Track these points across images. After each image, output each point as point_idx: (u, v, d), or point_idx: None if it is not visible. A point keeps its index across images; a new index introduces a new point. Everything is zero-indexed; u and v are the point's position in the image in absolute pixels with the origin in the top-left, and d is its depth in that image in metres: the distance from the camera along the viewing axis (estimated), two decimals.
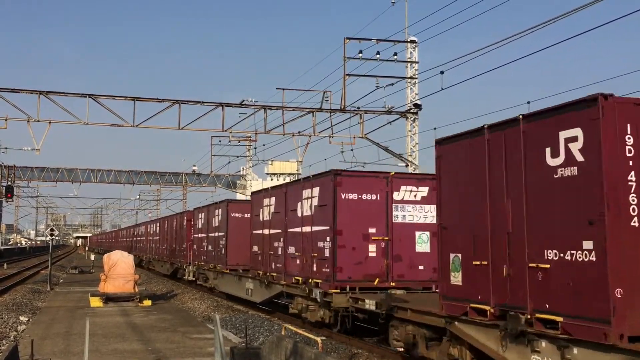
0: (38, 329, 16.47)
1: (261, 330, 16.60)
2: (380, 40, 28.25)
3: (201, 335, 15.52)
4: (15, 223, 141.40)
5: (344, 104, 28.03)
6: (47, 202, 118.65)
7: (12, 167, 53.12)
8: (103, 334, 15.42)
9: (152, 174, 60.22)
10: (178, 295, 27.19)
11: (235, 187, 59.10)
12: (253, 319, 18.96)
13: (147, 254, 48.84)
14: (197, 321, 18.49)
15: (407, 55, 29.95)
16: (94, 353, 12.78)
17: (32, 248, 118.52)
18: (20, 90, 26.03)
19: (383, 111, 29.15)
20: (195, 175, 61.57)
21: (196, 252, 30.19)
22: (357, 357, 13.65)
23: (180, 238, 34.16)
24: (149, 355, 12.85)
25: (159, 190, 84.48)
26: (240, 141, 42.58)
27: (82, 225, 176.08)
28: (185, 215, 33.22)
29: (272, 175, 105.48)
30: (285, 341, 10.69)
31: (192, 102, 27.80)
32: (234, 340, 14.38)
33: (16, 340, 14.62)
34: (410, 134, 29.47)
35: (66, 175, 57.48)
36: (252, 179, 58.62)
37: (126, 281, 23.12)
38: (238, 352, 10.97)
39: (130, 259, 24.02)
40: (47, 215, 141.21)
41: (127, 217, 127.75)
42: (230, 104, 28.52)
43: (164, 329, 16.51)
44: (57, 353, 12.93)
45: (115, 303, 22.42)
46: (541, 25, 16.68)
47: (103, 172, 58.10)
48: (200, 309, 22.10)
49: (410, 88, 29.94)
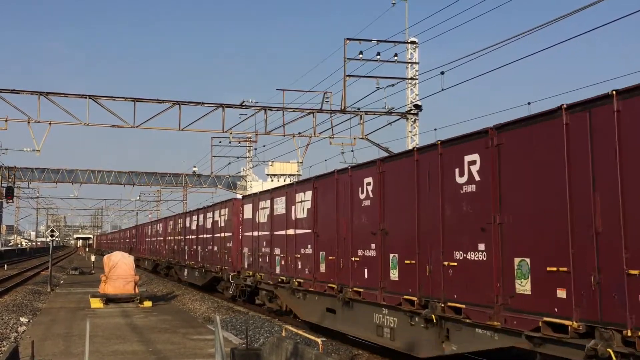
0: (38, 330, 16.46)
1: (261, 331, 16.59)
2: (381, 41, 28.25)
3: (201, 336, 15.51)
4: (15, 224, 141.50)
5: (345, 105, 28.02)
6: (48, 203, 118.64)
7: (12, 168, 53.12)
8: (103, 335, 15.41)
9: (153, 175, 60.19)
10: (178, 297, 27.17)
11: (236, 188, 59.08)
12: (253, 320, 18.94)
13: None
14: (198, 322, 18.48)
15: (407, 56, 29.95)
16: (95, 354, 12.77)
17: (33, 249, 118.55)
18: (21, 91, 26.02)
19: (383, 112, 29.13)
20: (196, 176, 61.55)
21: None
22: (357, 358, 13.64)
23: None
24: (149, 356, 12.85)
25: (159, 191, 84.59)
26: (241, 142, 42.60)
27: (83, 226, 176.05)
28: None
29: (272, 176, 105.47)
30: (286, 342, 10.68)
31: (192, 103, 27.79)
32: (234, 342, 14.36)
33: (17, 341, 14.62)
34: (411, 135, 29.46)
35: (66, 176, 57.47)
36: (252, 180, 58.63)
37: (126, 282, 23.13)
38: (238, 353, 10.96)
39: (130, 260, 24.02)
40: (48, 217, 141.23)
41: (128, 218, 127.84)
42: (231, 104, 28.51)
43: (164, 330, 16.50)
44: (58, 354, 12.93)
45: (115, 304, 22.43)
46: (542, 26, 16.69)
47: (103, 173, 58.08)
48: (200, 310, 22.08)
49: (410, 89, 29.93)
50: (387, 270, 12.21)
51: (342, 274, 14.21)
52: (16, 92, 25.91)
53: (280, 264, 18.38)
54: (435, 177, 10.79)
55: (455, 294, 10.13)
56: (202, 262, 29.26)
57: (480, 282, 9.54)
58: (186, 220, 34.35)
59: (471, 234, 9.80)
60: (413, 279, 11.30)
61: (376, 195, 12.85)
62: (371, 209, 13.03)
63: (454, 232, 10.25)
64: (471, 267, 9.77)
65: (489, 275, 9.36)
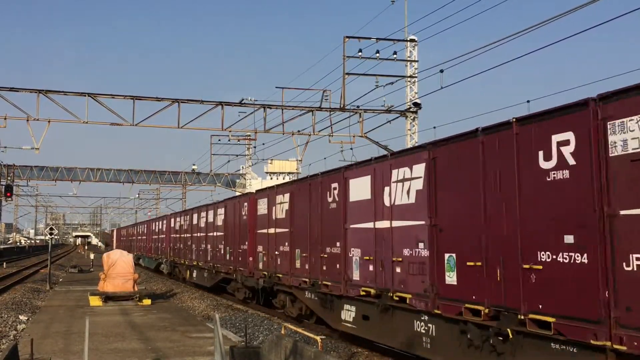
0: (38, 328, 16.46)
1: (261, 329, 16.59)
2: (380, 39, 28.25)
3: (201, 334, 15.51)
4: (14, 222, 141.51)
5: (344, 103, 28.03)
6: (47, 201, 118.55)
7: (11, 166, 53.08)
8: (103, 333, 15.41)
9: (152, 173, 60.15)
10: (177, 295, 27.16)
11: (235, 186, 59.06)
12: (253, 318, 18.94)
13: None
14: (197, 320, 18.48)
15: (406, 54, 29.94)
16: (94, 352, 12.77)
17: (32, 247, 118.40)
18: (20, 89, 25.99)
19: (383, 110, 29.13)
20: (195, 174, 61.51)
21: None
22: (357, 356, 13.64)
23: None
24: (148, 354, 12.85)
25: (158, 190, 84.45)
26: (240, 140, 42.55)
27: (82, 224, 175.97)
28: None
29: (271, 174, 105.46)
30: (285, 340, 10.67)
31: (191, 101, 27.77)
32: (233, 339, 14.36)
33: (16, 340, 14.60)
34: (410, 133, 29.45)
35: (65, 174, 57.42)
36: (251, 178, 58.62)
37: (125, 280, 23.13)
38: (238, 351, 10.97)
39: (129, 258, 24.03)
40: (47, 214, 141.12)
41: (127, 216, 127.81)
42: (230, 102, 28.49)
43: (163, 328, 16.50)
44: (57, 352, 12.93)
45: (114, 302, 22.42)
46: (541, 24, 16.67)
47: (102, 171, 58.05)
48: (199, 308, 22.08)
49: (409, 87, 29.92)
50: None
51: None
52: (15, 90, 25.88)
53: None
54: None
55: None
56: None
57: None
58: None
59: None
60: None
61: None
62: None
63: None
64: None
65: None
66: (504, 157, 9.17)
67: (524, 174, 8.78)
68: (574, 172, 7.97)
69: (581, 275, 7.75)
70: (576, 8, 15.38)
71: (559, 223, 8.10)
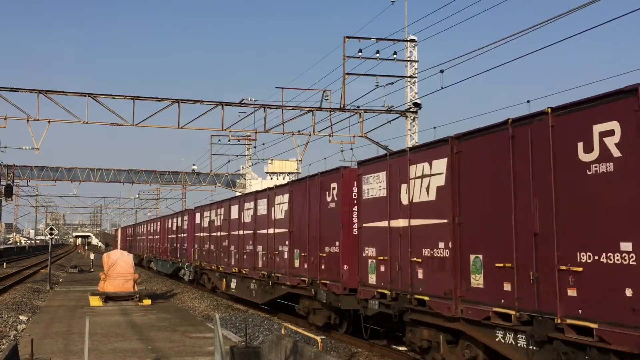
0: (38, 328, 16.46)
1: (261, 329, 16.60)
2: (380, 39, 28.23)
3: (201, 334, 15.52)
4: (14, 222, 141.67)
5: (344, 103, 28.02)
6: (47, 201, 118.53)
7: (11, 166, 53.10)
8: (103, 333, 15.42)
9: (152, 173, 60.15)
10: (177, 295, 27.17)
11: (235, 186, 59.07)
12: (253, 318, 18.95)
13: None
14: (197, 320, 18.48)
15: (406, 54, 29.93)
16: (94, 352, 12.78)
17: (32, 247, 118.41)
18: (20, 90, 25.99)
19: (383, 110, 29.13)
20: (195, 174, 61.51)
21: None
22: (356, 355, 13.65)
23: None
24: (148, 354, 12.85)
25: (158, 190, 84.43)
26: (240, 140, 42.55)
27: (82, 224, 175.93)
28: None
29: (271, 174, 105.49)
30: (285, 340, 10.68)
31: (191, 101, 27.76)
32: (233, 340, 14.37)
33: (16, 340, 14.61)
34: (410, 133, 29.45)
35: (65, 175, 57.43)
36: (251, 178, 58.61)
37: (126, 280, 23.14)
38: (238, 351, 10.96)
39: (129, 258, 24.04)
40: (47, 215, 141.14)
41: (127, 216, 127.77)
42: (230, 103, 28.48)
43: (163, 328, 16.50)
44: (57, 352, 12.93)
45: (115, 302, 22.43)
46: (541, 24, 16.67)
47: (102, 171, 58.05)
48: (199, 308, 22.08)
49: (409, 87, 29.92)
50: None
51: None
52: (15, 90, 25.87)
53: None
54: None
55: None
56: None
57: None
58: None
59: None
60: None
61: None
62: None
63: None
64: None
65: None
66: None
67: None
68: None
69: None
70: (576, 8, 15.38)
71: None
